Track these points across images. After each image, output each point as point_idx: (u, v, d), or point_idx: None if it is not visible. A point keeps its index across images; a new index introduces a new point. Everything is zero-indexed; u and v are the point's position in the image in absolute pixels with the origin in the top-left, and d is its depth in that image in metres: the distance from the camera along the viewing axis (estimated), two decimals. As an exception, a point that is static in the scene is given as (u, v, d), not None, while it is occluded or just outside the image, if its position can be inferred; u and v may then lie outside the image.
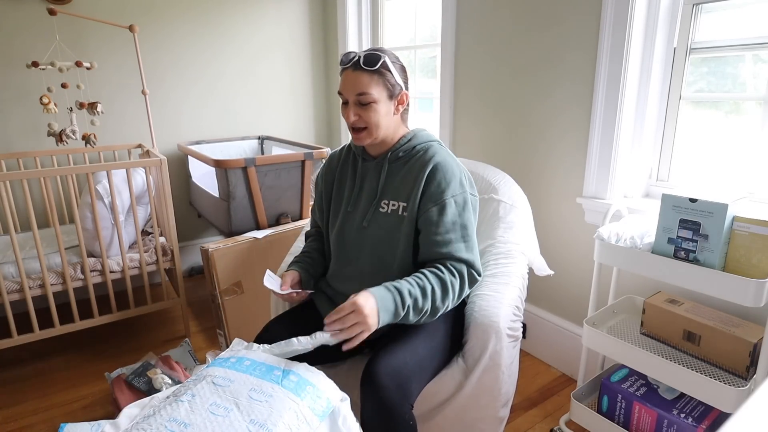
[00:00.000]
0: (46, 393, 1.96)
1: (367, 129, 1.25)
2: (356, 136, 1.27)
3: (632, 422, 1.48)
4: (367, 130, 1.25)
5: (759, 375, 1.24)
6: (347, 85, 1.22)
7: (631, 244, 1.40)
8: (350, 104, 1.23)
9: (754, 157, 1.52)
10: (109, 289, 2.14)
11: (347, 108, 1.25)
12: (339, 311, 1.09)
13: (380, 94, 1.22)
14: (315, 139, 3.45)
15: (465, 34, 2.25)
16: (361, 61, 1.20)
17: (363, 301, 1.09)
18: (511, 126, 2.11)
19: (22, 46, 2.43)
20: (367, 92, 1.21)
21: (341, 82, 1.24)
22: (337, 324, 1.09)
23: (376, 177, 1.33)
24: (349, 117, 1.24)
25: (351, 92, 1.22)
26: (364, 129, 1.25)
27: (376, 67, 1.20)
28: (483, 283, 1.42)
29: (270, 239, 2.17)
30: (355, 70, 1.21)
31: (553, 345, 2.07)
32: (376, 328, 1.11)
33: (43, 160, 2.56)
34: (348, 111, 1.24)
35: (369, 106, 1.22)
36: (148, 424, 0.95)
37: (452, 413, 1.32)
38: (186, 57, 2.85)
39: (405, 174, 1.29)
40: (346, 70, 1.23)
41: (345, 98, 1.25)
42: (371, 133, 1.25)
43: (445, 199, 1.23)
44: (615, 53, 1.66)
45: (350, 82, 1.21)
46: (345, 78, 1.23)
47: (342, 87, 1.24)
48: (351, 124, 1.25)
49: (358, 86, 1.21)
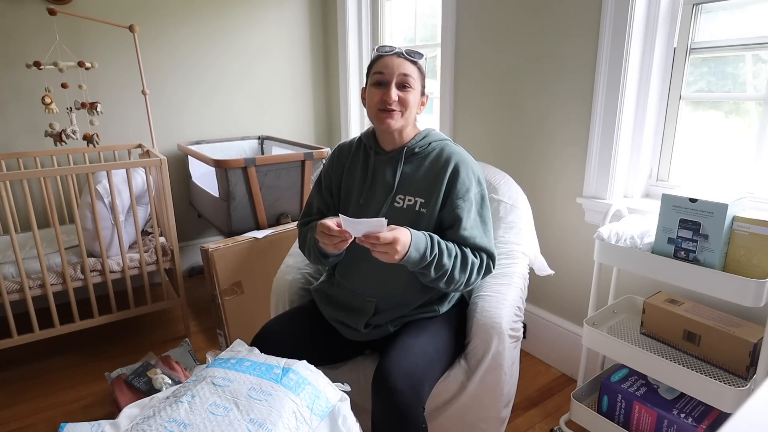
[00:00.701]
0: (46, 393, 1.96)
1: (402, 111, 1.26)
2: (389, 116, 1.26)
3: (632, 422, 1.48)
4: (401, 112, 1.26)
5: (759, 375, 1.24)
6: (391, 67, 1.24)
7: (631, 244, 1.40)
8: (392, 84, 1.25)
9: (754, 157, 1.52)
10: (109, 289, 2.14)
11: (385, 89, 1.25)
12: (379, 239, 1.10)
13: (416, 84, 1.28)
14: (315, 139, 3.45)
15: (465, 34, 2.25)
16: (405, 52, 1.26)
17: (403, 238, 1.12)
18: (511, 126, 2.11)
19: (22, 46, 2.43)
20: (412, 76, 1.26)
21: (380, 65, 1.26)
22: (371, 240, 1.10)
23: (391, 171, 1.33)
24: (390, 96, 1.24)
25: (396, 73, 1.24)
26: (397, 111, 1.26)
27: (418, 60, 1.27)
28: (485, 283, 1.42)
29: (270, 239, 2.17)
30: (399, 57, 1.26)
31: (553, 345, 2.07)
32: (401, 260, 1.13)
33: (43, 160, 2.56)
34: (389, 90, 1.24)
35: (408, 89, 1.26)
36: (148, 425, 0.95)
37: (455, 414, 1.32)
38: (186, 57, 2.85)
39: (425, 171, 1.31)
40: (386, 57, 1.26)
41: (385, 79, 1.25)
42: (404, 115, 1.27)
43: (471, 197, 1.29)
44: (615, 53, 1.66)
45: (394, 64, 1.25)
46: (387, 62, 1.25)
47: (383, 67, 1.25)
48: (390, 103, 1.24)
49: (403, 68, 1.25)
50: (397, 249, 1.11)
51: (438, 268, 1.20)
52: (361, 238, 1.12)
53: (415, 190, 1.30)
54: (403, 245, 1.12)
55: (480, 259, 1.27)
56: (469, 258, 1.24)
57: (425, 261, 1.17)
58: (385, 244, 1.10)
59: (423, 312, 1.34)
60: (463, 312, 1.43)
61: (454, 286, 1.25)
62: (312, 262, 1.40)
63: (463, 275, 1.24)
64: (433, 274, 1.20)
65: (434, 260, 1.18)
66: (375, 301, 1.32)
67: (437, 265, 1.19)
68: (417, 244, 1.15)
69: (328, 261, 1.35)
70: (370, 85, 1.28)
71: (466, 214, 1.27)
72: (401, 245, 1.11)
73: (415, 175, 1.31)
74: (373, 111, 1.27)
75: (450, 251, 1.22)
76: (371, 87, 1.28)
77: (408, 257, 1.14)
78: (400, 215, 1.29)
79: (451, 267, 1.21)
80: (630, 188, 1.80)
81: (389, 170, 1.33)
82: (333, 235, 1.14)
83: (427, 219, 1.28)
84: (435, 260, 1.18)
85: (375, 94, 1.26)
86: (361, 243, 1.12)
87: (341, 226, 1.14)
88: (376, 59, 1.28)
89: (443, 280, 1.22)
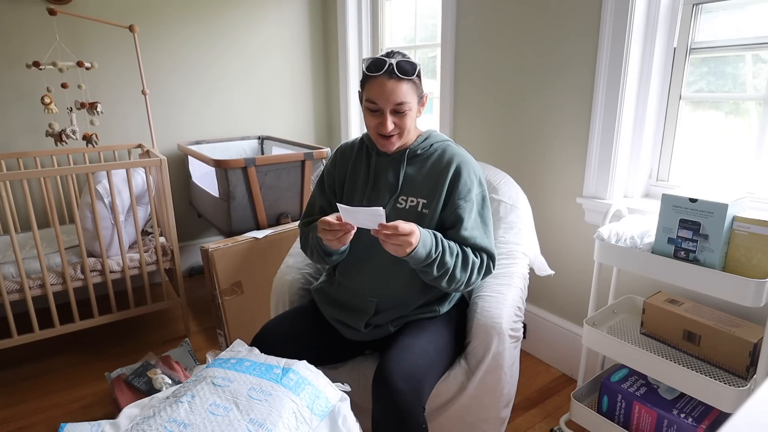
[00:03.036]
0: (46, 393, 1.96)
1: (401, 134, 1.25)
2: (387, 142, 1.25)
3: (632, 422, 1.48)
4: (398, 136, 1.25)
5: (759, 375, 1.24)
6: (384, 94, 1.18)
7: (631, 244, 1.40)
8: (386, 113, 1.20)
9: (754, 157, 1.52)
10: (109, 289, 2.14)
11: (380, 116, 1.21)
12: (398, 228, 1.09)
13: (413, 101, 1.23)
14: (315, 139, 3.45)
15: (465, 34, 2.25)
16: (397, 69, 1.17)
17: (417, 231, 1.13)
18: (511, 126, 2.11)
19: (22, 46, 2.43)
20: (406, 101, 1.20)
21: (372, 89, 1.19)
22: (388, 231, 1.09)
23: (393, 173, 1.33)
24: (386, 127, 1.20)
25: (389, 102, 1.18)
26: (395, 136, 1.25)
27: (412, 77, 1.20)
28: (485, 283, 1.42)
29: (270, 239, 2.17)
30: (390, 78, 1.17)
31: (553, 345, 2.07)
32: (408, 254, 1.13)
33: (43, 160, 2.56)
34: (384, 121, 1.20)
35: (405, 114, 1.22)
36: (148, 425, 0.95)
37: (455, 414, 1.32)
38: (186, 57, 2.85)
39: (427, 172, 1.31)
40: (378, 78, 1.18)
41: (379, 107, 1.20)
42: (402, 137, 1.27)
43: (473, 197, 1.29)
44: (615, 53, 1.66)
45: (387, 91, 1.18)
46: (379, 86, 1.18)
47: (376, 96, 1.19)
48: (388, 133, 1.22)
49: (398, 96, 1.18)
50: (412, 241, 1.11)
51: (440, 266, 1.20)
52: (376, 229, 1.11)
53: (417, 191, 1.30)
54: (416, 238, 1.13)
55: (480, 259, 1.28)
56: (469, 257, 1.25)
57: (430, 258, 1.17)
58: (402, 235, 1.10)
59: (423, 312, 1.34)
60: (463, 312, 1.43)
61: (454, 285, 1.25)
62: (315, 261, 1.39)
63: (464, 274, 1.24)
64: (435, 272, 1.20)
65: (438, 258, 1.19)
66: (375, 300, 1.32)
67: (440, 262, 1.19)
68: (424, 240, 1.16)
69: (332, 259, 1.34)
70: (365, 108, 1.25)
71: (467, 215, 1.27)
72: (415, 238, 1.12)
73: (417, 176, 1.31)
74: (373, 134, 1.27)
75: (452, 250, 1.22)
76: (366, 110, 1.24)
77: (416, 252, 1.14)
78: (403, 216, 1.29)
79: (453, 266, 1.22)
80: (630, 188, 1.80)
81: (391, 172, 1.33)
82: (335, 230, 1.14)
83: (429, 219, 1.28)
84: (438, 258, 1.19)
85: (371, 119, 1.24)
86: (376, 234, 1.12)
87: (341, 220, 1.14)
88: (366, 79, 1.22)
89: (445, 278, 1.22)
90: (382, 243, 1.13)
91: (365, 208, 1.08)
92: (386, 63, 1.17)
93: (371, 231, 1.13)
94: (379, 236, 1.12)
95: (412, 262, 1.18)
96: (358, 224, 1.15)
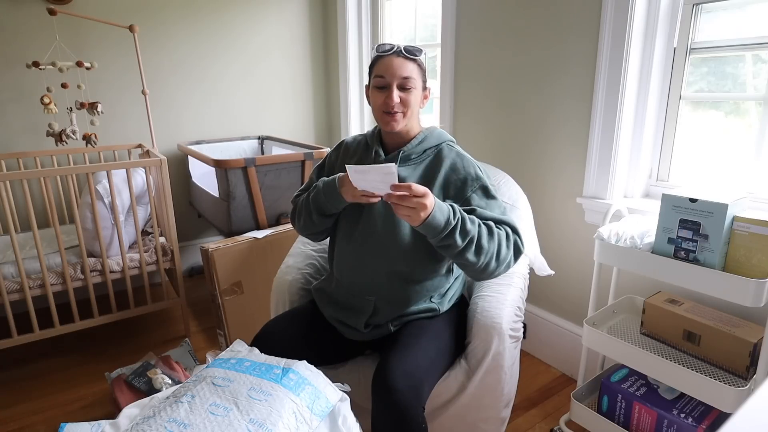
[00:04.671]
0: (46, 393, 1.96)
1: (405, 112, 1.26)
2: (392, 119, 1.26)
3: (632, 422, 1.48)
4: (404, 113, 1.26)
5: (759, 375, 1.24)
6: (391, 69, 1.24)
7: (631, 244, 1.40)
8: (393, 87, 1.24)
9: (754, 157, 1.52)
10: (109, 289, 2.14)
11: (387, 92, 1.25)
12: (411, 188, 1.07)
13: (417, 83, 1.27)
14: (315, 139, 3.45)
15: (465, 34, 2.25)
16: (404, 50, 1.25)
17: (431, 195, 1.10)
18: (511, 126, 2.11)
19: (22, 46, 2.43)
20: (412, 77, 1.25)
21: (381, 66, 1.25)
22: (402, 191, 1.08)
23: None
24: (392, 99, 1.24)
25: (396, 76, 1.24)
26: (399, 113, 1.26)
27: (418, 57, 1.27)
28: (485, 283, 1.42)
29: (270, 239, 2.17)
30: (398, 57, 1.25)
31: (553, 345, 2.07)
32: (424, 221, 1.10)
33: (43, 160, 2.56)
34: (391, 93, 1.24)
35: (410, 90, 1.25)
36: (148, 425, 0.95)
37: (455, 414, 1.32)
38: (186, 57, 2.85)
39: (421, 174, 1.30)
40: (385, 57, 1.25)
41: (386, 82, 1.25)
42: (406, 115, 1.27)
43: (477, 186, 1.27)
44: (615, 53, 1.66)
45: (395, 66, 1.24)
46: (387, 63, 1.24)
47: (384, 70, 1.25)
48: (393, 106, 1.24)
49: (404, 70, 1.24)
50: (426, 204, 1.08)
51: (463, 233, 1.14)
52: (389, 192, 1.09)
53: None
54: (431, 202, 1.10)
55: (505, 232, 1.22)
56: (493, 227, 1.20)
57: (450, 226, 1.12)
58: (416, 197, 1.07)
59: (423, 311, 1.34)
60: (463, 312, 1.43)
61: (485, 259, 1.17)
62: (302, 227, 1.39)
63: (492, 244, 1.18)
64: (459, 240, 1.13)
65: (458, 224, 1.13)
66: (374, 299, 1.32)
67: (462, 230, 1.13)
68: (440, 205, 1.12)
69: (324, 221, 1.34)
70: (373, 87, 1.28)
71: (477, 200, 1.26)
72: (430, 201, 1.09)
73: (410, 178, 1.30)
74: (378, 113, 1.28)
75: (472, 219, 1.18)
76: (374, 89, 1.28)
77: (432, 217, 1.10)
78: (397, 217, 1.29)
79: (478, 234, 1.16)
80: (630, 188, 1.80)
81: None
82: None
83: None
84: (459, 224, 1.13)
85: (378, 96, 1.27)
86: (388, 199, 1.10)
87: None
88: (376, 60, 1.28)
89: (471, 249, 1.15)
90: (395, 209, 1.10)
91: (376, 166, 1.05)
92: (395, 45, 1.27)
93: (383, 196, 1.11)
94: (391, 201, 1.10)
95: (430, 234, 1.13)
96: (368, 187, 1.12)
